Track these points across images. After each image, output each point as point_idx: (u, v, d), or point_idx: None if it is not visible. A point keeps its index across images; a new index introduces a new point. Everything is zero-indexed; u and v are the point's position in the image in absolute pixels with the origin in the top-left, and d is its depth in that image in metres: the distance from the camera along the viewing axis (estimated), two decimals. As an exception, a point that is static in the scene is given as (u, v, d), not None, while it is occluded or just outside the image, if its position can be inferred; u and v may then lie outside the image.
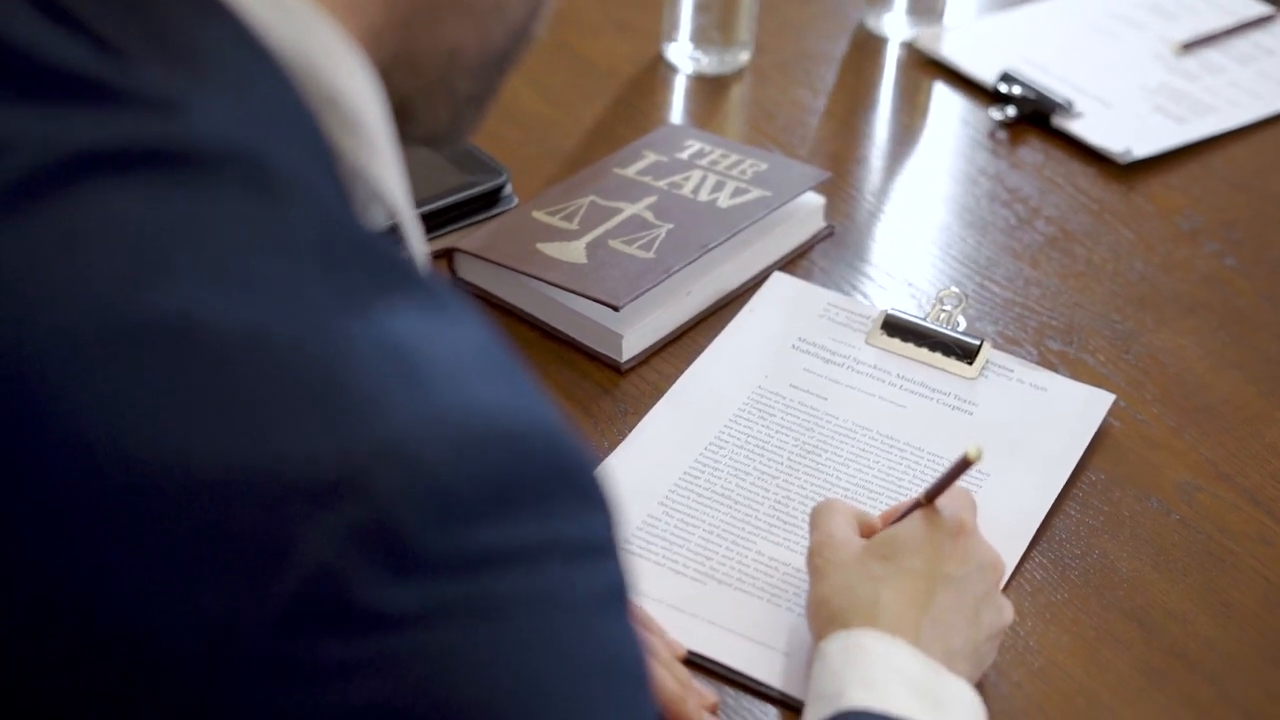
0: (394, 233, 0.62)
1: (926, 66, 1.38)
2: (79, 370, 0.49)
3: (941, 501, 0.85)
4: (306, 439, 0.48)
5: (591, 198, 1.13)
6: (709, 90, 1.34)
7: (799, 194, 1.15)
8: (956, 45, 1.38)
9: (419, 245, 0.63)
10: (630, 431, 1.00)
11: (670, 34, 1.34)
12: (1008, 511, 0.95)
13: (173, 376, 0.49)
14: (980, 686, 0.83)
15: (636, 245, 1.09)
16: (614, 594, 0.54)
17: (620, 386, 1.05)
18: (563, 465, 0.52)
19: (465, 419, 0.50)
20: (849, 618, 0.81)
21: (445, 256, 1.11)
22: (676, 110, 1.33)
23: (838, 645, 0.80)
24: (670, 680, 0.83)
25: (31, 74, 0.52)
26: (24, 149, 0.51)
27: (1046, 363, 1.08)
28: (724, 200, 1.13)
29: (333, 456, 0.48)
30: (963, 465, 0.83)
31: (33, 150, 0.51)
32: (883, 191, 1.25)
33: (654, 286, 1.05)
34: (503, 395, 0.52)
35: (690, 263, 1.08)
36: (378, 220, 0.61)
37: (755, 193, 1.14)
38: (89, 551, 0.48)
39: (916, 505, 0.85)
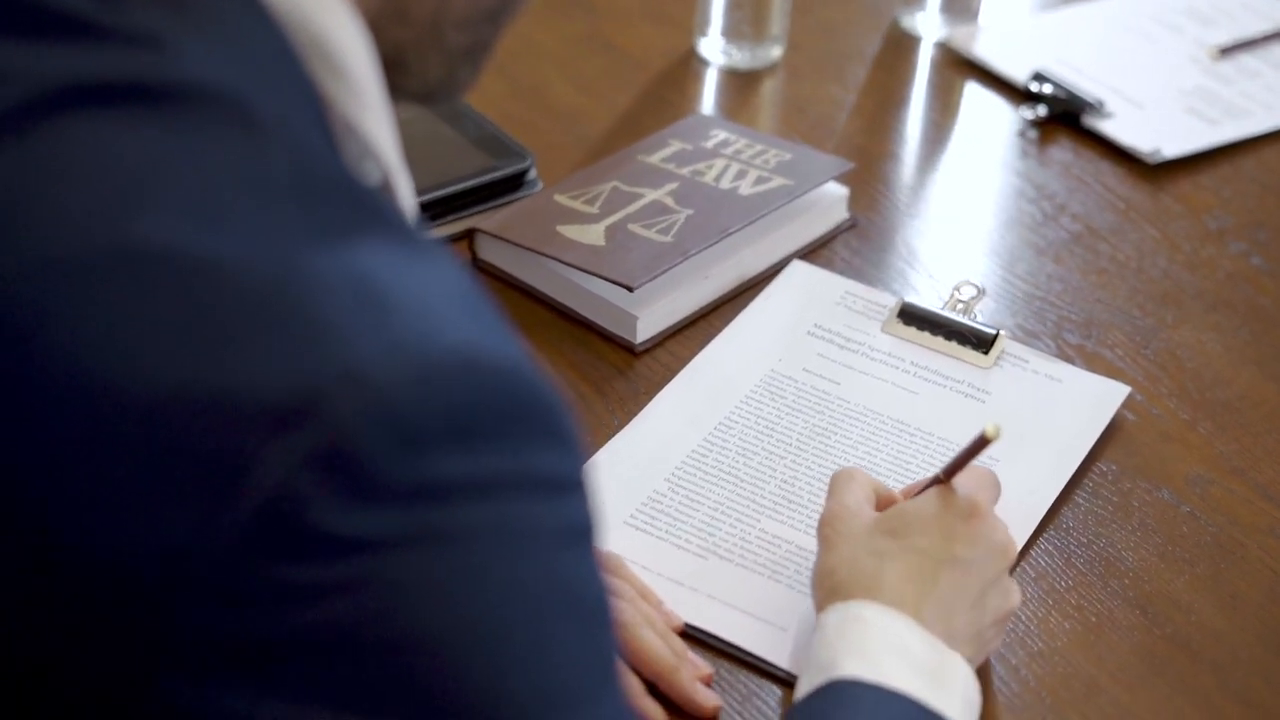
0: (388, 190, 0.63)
1: (960, 66, 1.38)
2: (56, 295, 0.50)
3: (959, 481, 0.84)
4: (270, 364, 0.49)
5: (614, 183, 1.14)
6: (740, 84, 1.35)
7: (821, 183, 1.15)
8: (990, 45, 1.38)
9: (408, 197, 0.64)
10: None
11: (703, 28, 1.35)
12: (1015, 498, 0.94)
13: (143, 302, 0.50)
14: (979, 669, 0.83)
15: (655, 229, 1.09)
16: (578, 532, 0.55)
17: (635, 368, 1.05)
18: (527, 401, 0.53)
19: (429, 350, 0.51)
20: (850, 590, 0.81)
21: (466, 237, 1.12)
22: (707, 103, 1.34)
23: (836, 616, 0.80)
24: (664, 650, 0.84)
25: (24, 13, 0.54)
26: (14, 82, 0.53)
27: (1064, 356, 1.07)
28: (746, 188, 1.14)
29: (294, 381, 0.49)
30: (980, 443, 0.82)
31: (22, 83, 0.52)
32: (909, 186, 1.26)
33: (670, 269, 1.06)
34: (470, 331, 0.52)
35: (707, 247, 1.08)
36: (372, 176, 0.62)
37: (777, 181, 1.14)
38: (54, 469, 0.49)
39: (935, 482, 0.85)
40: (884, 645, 0.78)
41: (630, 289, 1.04)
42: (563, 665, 0.54)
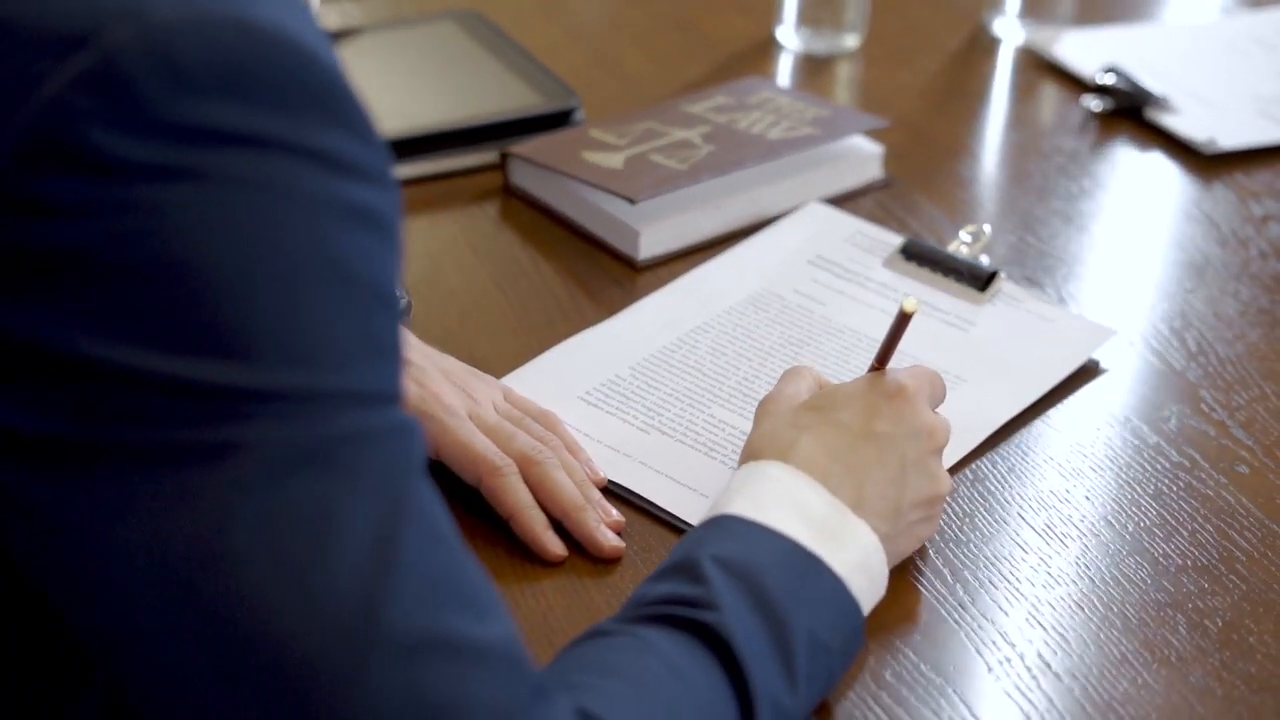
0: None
1: (1038, 67, 1.39)
2: None
3: (891, 366, 0.85)
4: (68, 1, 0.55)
5: (650, 123, 1.18)
6: (813, 67, 1.38)
7: (847, 134, 1.18)
8: (1072, 48, 1.39)
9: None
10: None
11: (781, 13, 1.39)
12: (972, 413, 0.95)
13: None
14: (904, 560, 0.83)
15: (674, 159, 1.13)
16: (359, 214, 0.58)
17: (634, 281, 1.08)
18: (317, 80, 0.57)
19: (221, 9, 0.55)
20: (764, 454, 0.82)
21: (501, 161, 1.18)
22: (777, 82, 1.37)
23: (745, 472, 0.81)
24: (573, 490, 0.86)
25: None
26: None
27: (1065, 304, 1.07)
28: (775, 134, 1.17)
29: (83, 12, 0.54)
30: (902, 319, 0.83)
31: None
32: (954, 161, 1.27)
33: (675, 190, 1.09)
34: (277, 14, 0.57)
35: (718, 175, 1.11)
36: None
37: (806, 130, 1.17)
38: None
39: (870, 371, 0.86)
40: (780, 498, 0.79)
41: (632, 201, 1.08)
42: (317, 325, 0.57)
